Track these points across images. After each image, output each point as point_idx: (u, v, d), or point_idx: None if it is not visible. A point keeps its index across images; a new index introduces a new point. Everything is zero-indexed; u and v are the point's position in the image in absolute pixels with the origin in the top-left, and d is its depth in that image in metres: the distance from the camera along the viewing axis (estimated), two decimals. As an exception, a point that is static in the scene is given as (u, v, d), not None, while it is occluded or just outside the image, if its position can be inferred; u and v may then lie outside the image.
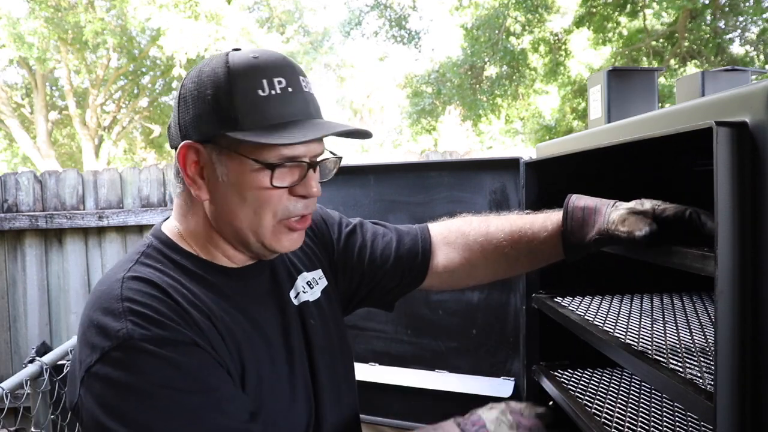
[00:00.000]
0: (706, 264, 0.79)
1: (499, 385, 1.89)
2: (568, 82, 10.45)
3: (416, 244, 1.13)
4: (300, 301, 1.00)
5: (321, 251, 1.10)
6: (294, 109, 0.84)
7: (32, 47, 9.55)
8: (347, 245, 1.12)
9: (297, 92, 0.85)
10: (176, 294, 0.81)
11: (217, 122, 0.83)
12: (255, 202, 0.85)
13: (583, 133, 1.46)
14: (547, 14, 10.06)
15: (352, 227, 1.15)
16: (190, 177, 0.87)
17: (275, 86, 0.83)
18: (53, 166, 10.70)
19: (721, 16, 9.02)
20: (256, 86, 0.82)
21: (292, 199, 0.87)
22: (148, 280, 0.82)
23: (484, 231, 1.12)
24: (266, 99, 0.82)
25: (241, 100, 0.82)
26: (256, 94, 0.82)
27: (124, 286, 0.80)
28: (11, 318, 3.66)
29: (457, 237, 1.14)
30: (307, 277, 1.03)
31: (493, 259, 1.10)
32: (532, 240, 1.07)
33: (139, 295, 0.79)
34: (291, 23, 13.99)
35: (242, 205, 0.86)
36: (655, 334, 1.15)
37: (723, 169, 0.74)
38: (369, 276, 1.12)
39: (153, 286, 0.81)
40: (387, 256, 1.12)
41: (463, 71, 10.57)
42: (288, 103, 0.83)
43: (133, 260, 0.87)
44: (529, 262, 1.12)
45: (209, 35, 9.35)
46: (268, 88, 0.82)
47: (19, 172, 3.70)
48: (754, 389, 0.74)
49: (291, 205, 0.87)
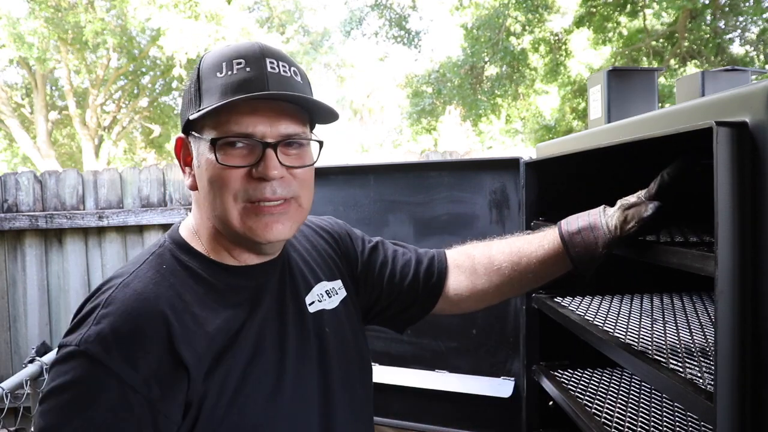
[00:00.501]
0: (706, 264, 0.79)
1: (499, 385, 1.89)
2: (568, 82, 10.45)
3: (432, 265, 1.14)
4: (316, 309, 0.99)
5: (343, 263, 1.11)
6: (247, 85, 0.83)
7: (32, 47, 9.54)
8: (370, 260, 1.14)
9: (255, 71, 0.84)
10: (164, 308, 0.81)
11: (188, 109, 0.87)
12: (214, 184, 0.85)
13: (583, 133, 1.46)
14: (547, 14, 10.06)
15: (374, 244, 1.17)
16: (182, 167, 0.91)
17: (233, 67, 0.84)
18: (53, 166, 10.70)
19: (721, 16, 9.02)
20: (215, 70, 0.85)
21: (253, 182, 0.84)
22: (140, 293, 0.81)
23: (487, 254, 1.13)
24: (222, 80, 0.84)
25: (203, 85, 0.85)
26: (215, 77, 0.84)
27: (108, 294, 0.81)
28: (11, 318, 3.66)
29: (464, 260, 1.15)
30: (326, 286, 1.03)
31: (497, 281, 1.11)
32: (531, 260, 1.07)
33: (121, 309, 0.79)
34: (291, 23, 13.98)
35: (209, 190, 0.86)
36: (655, 334, 1.15)
37: (723, 169, 0.74)
38: (387, 291, 1.13)
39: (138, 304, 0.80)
40: (406, 274, 1.13)
41: (463, 71, 10.57)
42: (243, 80, 0.83)
43: (141, 262, 0.88)
44: (531, 281, 1.11)
45: (209, 35, 9.34)
46: (226, 70, 0.84)
47: (19, 172, 3.70)
48: (754, 389, 0.74)
49: (251, 188, 0.84)
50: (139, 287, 0.83)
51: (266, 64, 0.85)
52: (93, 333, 0.76)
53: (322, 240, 1.11)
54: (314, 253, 1.07)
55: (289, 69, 0.88)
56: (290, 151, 0.88)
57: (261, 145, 0.84)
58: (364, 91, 16.64)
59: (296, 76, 0.89)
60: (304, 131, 0.89)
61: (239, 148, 0.84)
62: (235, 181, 0.84)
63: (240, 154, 0.84)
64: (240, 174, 0.84)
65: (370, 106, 16.91)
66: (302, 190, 0.90)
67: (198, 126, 0.86)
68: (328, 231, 1.14)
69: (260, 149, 0.84)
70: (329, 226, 1.16)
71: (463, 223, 1.97)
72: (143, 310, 0.80)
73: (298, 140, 0.88)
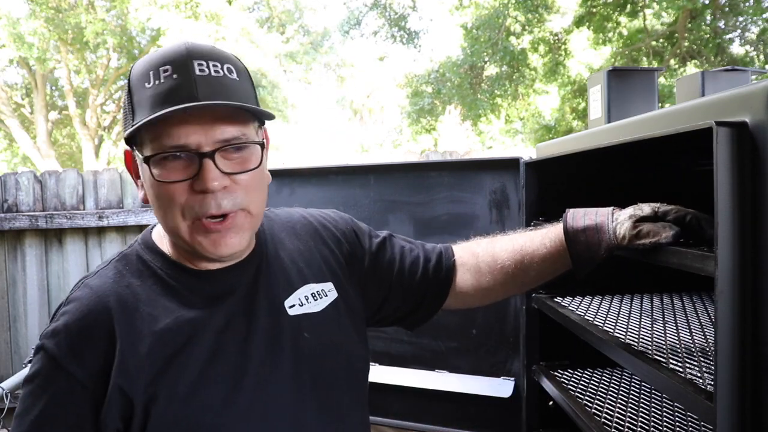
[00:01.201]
0: (706, 264, 0.79)
1: (499, 385, 1.89)
2: (567, 82, 10.45)
3: (440, 263, 1.12)
4: (296, 313, 0.95)
5: (345, 262, 1.06)
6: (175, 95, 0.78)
7: (32, 47, 9.55)
8: (377, 257, 1.10)
9: (182, 77, 0.79)
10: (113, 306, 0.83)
11: (125, 125, 0.84)
12: (159, 200, 0.83)
13: (583, 133, 1.46)
14: (547, 14, 10.06)
15: (382, 239, 1.12)
16: (135, 181, 0.89)
17: (160, 76, 0.79)
18: (53, 166, 10.70)
19: (721, 16, 9.02)
20: (144, 80, 0.81)
21: (197, 195, 0.81)
22: (95, 289, 0.85)
23: (491, 252, 1.11)
24: (150, 90, 0.79)
25: (134, 98, 0.82)
26: (144, 88, 0.80)
27: (73, 293, 0.87)
28: (11, 318, 3.66)
29: (469, 258, 1.13)
30: (313, 288, 0.99)
31: (501, 279, 1.10)
32: (533, 258, 1.06)
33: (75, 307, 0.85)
34: (291, 23, 13.99)
35: (158, 206, 0.84)
36: (655, 334, 1.15)
37: (723, 169, 0.74)
38: (396, 289, 1.10)
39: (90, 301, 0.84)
40: (414, 273, 1.10)
41: (462, 71, 10.57)
42: (170, 90, 0.78)
43: (108, 262, 0.91)
44: (534, 278, 1.10)
45: (209, 35, 9.35)
46: (153, 79, 0.80)
47: (19, 172, 3.70)
48: (754, 389, 0.74)
49: (196, 203, 0.81)
50: (95, 285, 0.86)
51: (194, 68, 0.79)
52: (50, 329, 0.83)
53: (319, 238, 1.06)
54: (306, 254, 1.02)
55: (221, 67, 0.82)
56: (232, 156, 0.82)
57: (197, 156, 0.79)
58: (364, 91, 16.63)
59: (231, 74, 0.83)
60: (244, 133, 0.83)
61: (176, 161, 0.80)
62: (180, 196, 0.81)
63: (178, 167, 0.80)
64: (182, 188, 0.80)
65: (370, 106, 16.90)
66: (249, 196, 0.85)
67: (136, 141, 0.83)
68: (329, 228, 1.09)
69: (197, 161, 0.79)
70: (332, 222, 1.10)
71: (463, 223, 1.97)
72: (93, 308, 0.83)
73: (237, 144, 0.82)
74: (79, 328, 0.82)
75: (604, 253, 0.96)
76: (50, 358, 0.81)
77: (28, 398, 0.81)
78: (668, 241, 0.85)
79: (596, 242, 0.96)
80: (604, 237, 0.95)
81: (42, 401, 0.79)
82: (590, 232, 0.96)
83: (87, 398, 0.79)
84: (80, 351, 0.80)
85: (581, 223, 0.98)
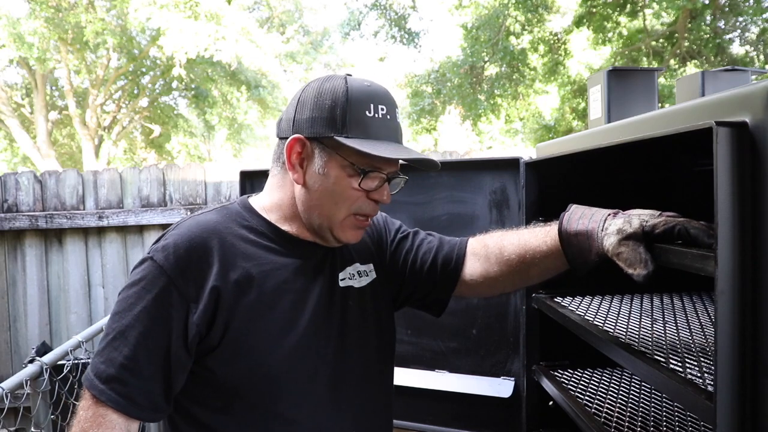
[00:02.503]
0: (706, 264, 0.79)
1: (499, 385, 1.89)
2: (567, 82, 10.45)
3: (452, 252, 1.23)
4: (344, 284, 1.13)
5: (377, 250, 1.25)
6: (388, 132, 1.05)
7: (32, 47, 9.54)
8: (397, 248, 1.26)
9: (392, 120, 1.06)
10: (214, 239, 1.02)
11: (329, 127, 1.02)
12: (339, 195, 1.04)
13: (583, 133, 1.46)
14: (547, 14, 10.06)
15: (406, 233, 1.29)
16: (292, 163, 1.05)
17: (378, 111, 1.04)
18: (53, 166, 10.70)
19: (721, 16, 9.02)
20: (365, 108, 1.03)
21: (367, 201, 1.06)
22: (201, 223, 1.05)
23: (499, 244, 1.19)
24: (371, 119, 1.03)
25: (352, 115, 1.02)
26: (364, 113, 1.03)
27: (182, 222, 1.06)
28: (11, 318, 3.66)
29: (480, 248, 1.22)
30: (358, 267, 1.18)
31: (507, 270, 1.16)
32: (535, 254, 1.11)
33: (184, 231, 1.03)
34: (291, 23, 13.99)
35: (327, 195, 1.05)
36: (655, 334, 1.15)
37: (723, 169, 0.74)
38: (410, 277, 1.24)
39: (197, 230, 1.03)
40: (426, 260, 1.23)
41: (462, 71, 10.57)
42: (385, 126, 1.05)
43: (210, 209, 1.11)
44: (537, 273, 1.14)
45: (209, 35, 9.34)
46: (373, 112, 1.04)
47: (19, 172, 3.70)
48: (754, 389, 0.74)
49: (365, 205, 1.06)
50: (202, 219, 1.06)
51: (396, 115, 1.07)
52: (160, 245, 1.01)
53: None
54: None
55: (399, 114, 1.10)
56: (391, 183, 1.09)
57: (385, 178, 1.06)
58: (364, 91, 16.56)
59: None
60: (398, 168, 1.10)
61: (371, 176, 1.04)
62: (357, 199, 1.05)
63: (370, 181, 1.05)
64: (362, 194, 1.05)
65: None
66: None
67: (336, 145, 1.02)
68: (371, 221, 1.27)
69: (383, 180, 1.06)
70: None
71: (463, 223, 1.98)
72: (199, 234, 1.02)
73: (404, 178, 1.12)
74: (186, 248, 1.00)
75: (596, 258, 0.98)
76: (158, 266, 0.98)
77: (131, 298, 0.97)
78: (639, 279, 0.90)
79: (587, 248, 0.99)
80: (594, 245, 0.98)
81: (144, 301, 0.96)
82: (582, 238, 1.00)
83: (183, 304, 0.97)
84: (184, 266, 0.98)
85: (575, 227, 1.02)
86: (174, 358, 0.97)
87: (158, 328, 0.96)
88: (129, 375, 0.94)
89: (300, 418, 1.03)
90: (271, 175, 1.13)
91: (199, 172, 3.74)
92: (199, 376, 1.01)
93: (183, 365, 0.98)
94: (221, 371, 0.99)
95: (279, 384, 1.01)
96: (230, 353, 0.99)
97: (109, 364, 0.95)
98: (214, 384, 1.00)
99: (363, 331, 1.14)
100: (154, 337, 0.96)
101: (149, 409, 0.96)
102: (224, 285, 1.00)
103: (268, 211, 1.11)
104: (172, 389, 0.99)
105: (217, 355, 0.99)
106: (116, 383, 0.94)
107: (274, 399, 1.01)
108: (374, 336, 1.17)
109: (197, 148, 14.80)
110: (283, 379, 1.02)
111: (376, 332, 1.18)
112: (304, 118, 1.05)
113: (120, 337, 0.96)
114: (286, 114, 1.09)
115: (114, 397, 0.93)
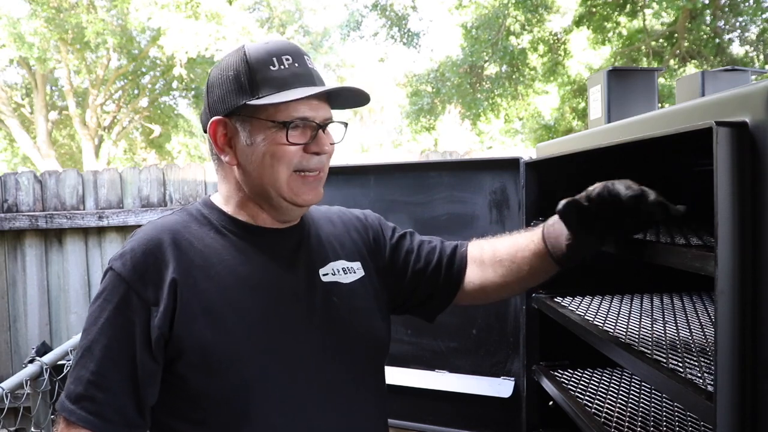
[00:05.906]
0: (706, 264, 0.79)
1: (499, 385, 1.89)
2: (567, 82, 10.45)
3: (454, 255, 1.21)
4: (329, 280, 1.10)
5: (369, 249, 1.21)
6: (300, 79, 1.01)
7: (32, 47, 9.53)
8: (397, 247, 1.23)
9: (302, 66, 1.02)
10: (171, 239, 1.00)
11: (239, 96, 1.01)
12: (273, 157, 1.00)
13: (583, 133, 1.46)
14: (547, 14, 10.05)
15: (403, 233, 1.26)
16: (220, 147, 1.04)
17: (284, 63, 1.01)
18: (53, 166, 10.70)
19: (721, 16, 9.02)
20: (268, 64, 1.01)
21: (306, 155, 1.02)
22: (158, 225, 1.03)
23: (492, 246, 1.19)
24: (278, 72, 1.00)
25: (257, 76, 1.00)
26: (269, 69, 1.00)
27: (143, 228, 1.05)
28: (11, 318, 3.66)
29: (476, 252, 1.21)
30: (343, 264, 1.15)
31: (500, 272, 1.16)
32: (525, 253, 1.11)
33: (141, 236, 1.02)
34: (291, 23, 13.98)
35: (262, 162, 1.01)
36: (655, 334, 1.15)
37: (723, 169, 0.74)
38: (411, 279, 1.21)
39: (153, 232, 1.01)
40: (429, 261, 1.21)
41: (462, 71, 10.56)
42: (294, 74, 1.01)
43: (170, 212, 1.10)
44: (528, 273, 1.13)
45: (210, 35, 9.34)
46: (278, 64, 1.01)
47: (19, 172, 3.70)
48: (754, 389, 0.74)
49: (305, 160, 1.02)
50: (159, 222, 1.05)
51: (306, 61, 1.04)
52: (118, 254, 1.00)
53: (351, 226, 1.23)
54: (340, 237, 1.19)
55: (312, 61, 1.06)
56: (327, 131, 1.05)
57: (316, 126, 1.02)
58: (364, 91, 16.56)
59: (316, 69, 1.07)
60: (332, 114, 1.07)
61: (300, 127, 1.01)
62: (294, 155, 1.01)
63: (300, 134, 1.01)
64: (297, 149, 1.01)
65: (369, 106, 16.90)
66: (329, 161, 1.09)
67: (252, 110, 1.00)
68: (361, 220, 1.25)
69: (314, 130, 1.02)
70: (363, 216, 1.27)
71: (463, 223, 1.98)
72: (155, 237, 1.01)
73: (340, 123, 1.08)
74: (143, 251, 0.98)
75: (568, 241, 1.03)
76: (116, 275, 0.97)
77: (96, 312, 0.96)
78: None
79: (560, 231, 1.04)
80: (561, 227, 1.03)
81: (106, 312, 0.95)
82: (558, 225, 1.05)
83: (143, 308, 0.95)
84: (142, 270, 0.97)
85: (552, 218, 1.07)
86: (141, 366, 0.94)
87: (122, 336, 0.94)
88: (97, 390, 0.92)
89: (285, 423, 0.98)
90: (215, 172, 1.11)
91: (199, 172, 3.74)
92: (173, 385, 0.97)
93: (151, 373, 0.96)
94: (194, 379, 0.95)
95: (255, 388, 0.97)
96: (199, 358, 0.95)
97: (78, 383, 0.93)
98: (190, 394, 0.97)
99: (351, 330, 1.09)
100: (118, 348, 0.94)
101: (122, 424, 0.94)
102: (183, 281, 0.97)
103: (224, 206, 1.09)
104: (144, 402, 0.96)
105: (186, 362, 0.95)
106: (86, 401, 0.92)
107: (252, 405, 0.96)
108: (363, 337, 1.11)
109: (197, 148, 14.80)
110: (258, 383, 0.97)
111: (366, 332, 1.12)
112: (215, 100, 1.03)
113: (87, 354, 0.94)
114: (203, 105, 1.08)
115: (84, 416, 0.91)
